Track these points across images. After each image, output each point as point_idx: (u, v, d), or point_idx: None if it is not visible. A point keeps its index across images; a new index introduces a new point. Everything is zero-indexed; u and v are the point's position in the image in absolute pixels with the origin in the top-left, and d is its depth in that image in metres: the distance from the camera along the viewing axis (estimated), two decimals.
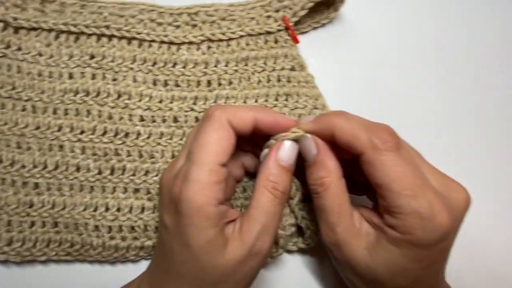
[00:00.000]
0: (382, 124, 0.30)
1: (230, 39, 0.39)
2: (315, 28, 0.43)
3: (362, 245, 0.30)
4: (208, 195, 0.28)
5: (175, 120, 0.39)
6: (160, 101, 0.39)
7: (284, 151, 0.31)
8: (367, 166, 0.29)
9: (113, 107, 0.38)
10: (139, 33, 0.39)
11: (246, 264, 0.29)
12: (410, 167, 0.28)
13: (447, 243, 0.29)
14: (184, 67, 0.39)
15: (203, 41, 0.39)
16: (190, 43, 0.39)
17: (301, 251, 0.40)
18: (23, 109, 0.38)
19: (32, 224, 0.38)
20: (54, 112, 0.38)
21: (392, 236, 0.29)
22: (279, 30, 0.40)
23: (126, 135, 0.38)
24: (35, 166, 0.38)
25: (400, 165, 0.28)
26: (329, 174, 0.30)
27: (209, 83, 0.39)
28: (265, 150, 0.32)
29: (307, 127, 0.31)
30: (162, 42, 0.39)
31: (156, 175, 0.38)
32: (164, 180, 0.31)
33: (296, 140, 0.32)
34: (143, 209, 0.38)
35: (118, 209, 0.38)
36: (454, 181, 0.31)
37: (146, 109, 0.39)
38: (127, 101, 0.39)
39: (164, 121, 0.39)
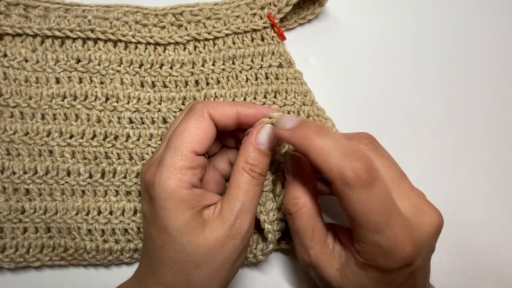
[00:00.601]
0: (359, 151, 0.28)
1: (216, 38, 0.39)
2: (301, 24, 0.43)
3: (335, 267, 0.30)
4: (180, 179, 0.29)
5: (164, 121, 0.39)
6: (149, 103, 0.39)
7: (262, 136, 0.31)
8: (336, 194, 0.28)
9: (101, 110, 0.38)
10: (124, 35, 0.38)
11: (227, 243, 0.29)
12: (379, 203, 0.27)
13: (413, 268, 0.28)
14: (171, 68, 0.39)
15: (189, 41, 0.39)
16: (176, 43, 0.39)
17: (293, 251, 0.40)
18: (11, 116, 0.38)
19: (25, 230, 0.38)
20: (42, 117, 0.38)
21: (358, 260, 0.29)
22: (265, 28, 0.40)
23: (116, 138, 0.38)
24: (25, 172, 0.38)
25: (368, 202, 0.26)
26: (303, 196, 0.31)
27: (197, 82, 0.39)
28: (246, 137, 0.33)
29: (283, 134, 0.30)
30: (148, 43, 0.39)
31: None
32: (143, 169, 0.32)
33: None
34: (135, 211, 0.38)
35: (111, 212, 0.38)
36: (427, 205, 0.30)
37: (135, 111, 0.39)
38: (115, 104, 0.39)
39: (153, 122, 0.39)
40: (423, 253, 0.29)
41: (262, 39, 0.40)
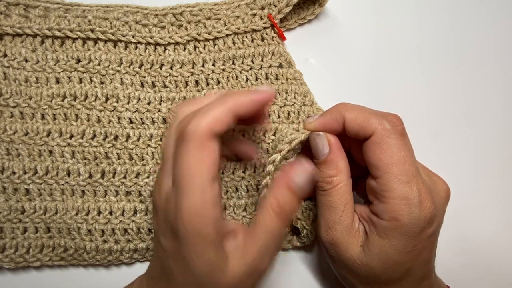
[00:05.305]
0: (388, 112, 0.31)
1: (216, 38, 0.39)
2: (301, 25, 0.43)
3: (358, 243, 0.31)
4: (204, 216, 0.26)
5: (164, 121, 0.39)
6: (149, 103, 0.39)
7: (298, 175, 0.29)
8: (374, 147, 0.30)
9: (101, 110, 0.38)
10: (124, 36, 0.38)
11: (246, 281, 0.28)
12: (410, 154, 0.30)
13: (431, 231, 0.30)
14: (171, 68, 0.39)
15: (189, 41, 0.39)
16: (176, 43, 0.39)
17: (296, 248, 0.40)
18: (11, 116, 0.38)
19: (25, 230, 0.38)
20: (42, 117, 0.38)
21: (380, 227, 0.30)
22: (265, 28, 0.40)
23: (116, 138, 0.38)
24: (25, 172, 0.37)
25: (403, 150, 0.29)
26: (339, 173, 0.31)
27: (197, 83, 0.39)
28: (270, 166, 0.32)
29: (315, 124, 0.32)
30: (148, 43, 0.39)
31: (147, 177, 0.38)
32: (157, 201, 0.29)
33: (301, 142, 0.32)
34: (135, 212, 0.38)
35: (110, 212, 0.38)
36: (436, 175, 0.33)
37: (135, 111, 0.39)
38: (115, 104, 0.39)
39: (153, 122, 0.39)
40: (439, 217, 0.31)
41: (262, 40, 0.40)
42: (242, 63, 0.40)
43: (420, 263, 0.31)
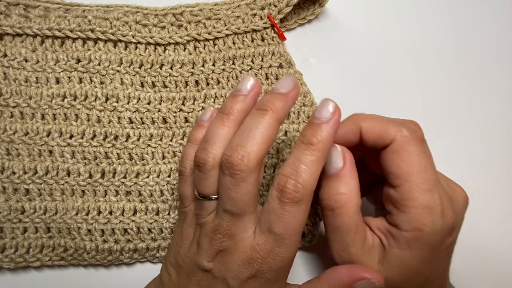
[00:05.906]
0: (405, 119, 0.30)
1: (216, 38, 0.39)
2: (301, 25, 0.43)
3: (375, 260, 0.30)
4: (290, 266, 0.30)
5: (164, 121, 0.39)
6: (149, 103, 0.39)
7: (360, 284, 0.29)
8: (393, 155, 0.29)
9: (101, 110, 0.38)
10: (124, 36, 0.38)
11: None
12: (431, 162, 0.29)
13: (452, 239, 0.29)
14: (171, 68, 0.39)
15: (189, 41, 0.39)
16: (176, 43, 0.39)
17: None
18: (11, 116, 0.38)
19: (25, 230, 0.38)
20: (42, 117, 0.38)
21: (402, 238, 0.28)
22: (265, 28, 0.40)
23: (116, 138, 0.38)
24: (25, 172, 0.37)
25: (424, 158, 0.28)
26: (349, 191, 0.29)
27: (197, 83, 0.39)
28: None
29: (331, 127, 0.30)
30: (148, 43, 0.39)
31: (147, 177, 0.38)
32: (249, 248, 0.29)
33: None
34: (135, 211, 0.38)
35: (110, 212, 0.38)
36: (454, 182, 0.32)
37: (135, 111, 0.39)
38: (115, 104, 0.39)
39: (153, 122, 0.39)
40: (458, 226, 0.30)
41: (262, 40, 0.40)
42: (242, 63, 0.40)
43: (439, 272, 0.30)
